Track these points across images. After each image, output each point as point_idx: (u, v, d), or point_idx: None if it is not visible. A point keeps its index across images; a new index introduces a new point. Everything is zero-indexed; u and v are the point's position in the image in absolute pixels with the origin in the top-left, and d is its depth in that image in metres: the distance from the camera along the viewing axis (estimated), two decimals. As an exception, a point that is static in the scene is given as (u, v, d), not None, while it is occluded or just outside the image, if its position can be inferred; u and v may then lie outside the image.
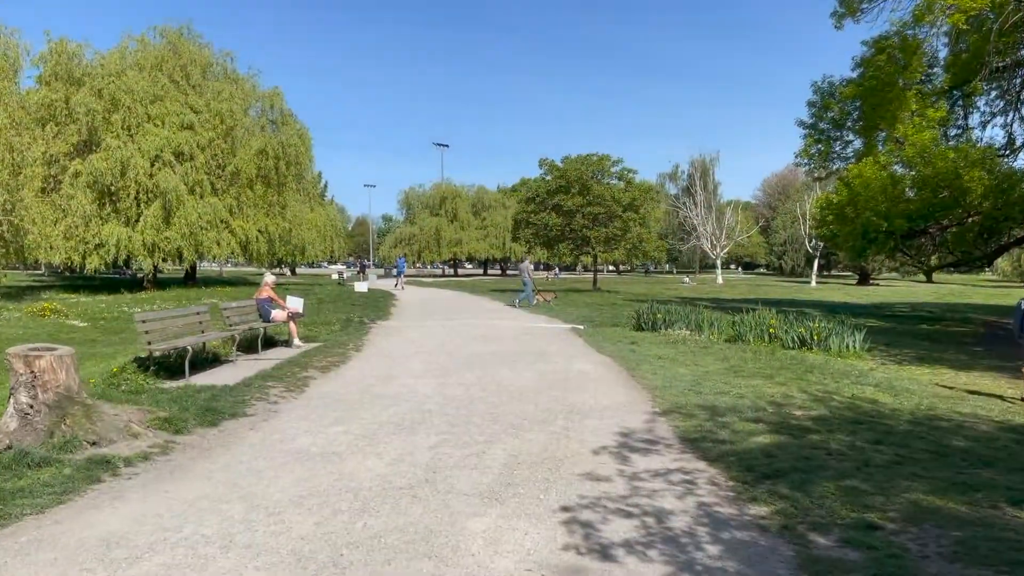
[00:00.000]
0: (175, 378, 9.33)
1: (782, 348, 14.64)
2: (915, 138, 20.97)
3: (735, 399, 8.26)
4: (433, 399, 8.44)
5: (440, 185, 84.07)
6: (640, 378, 9.81)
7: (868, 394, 9.18)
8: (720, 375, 10.08)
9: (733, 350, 13.21)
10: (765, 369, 10.81)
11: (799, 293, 45.27)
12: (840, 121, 23.54)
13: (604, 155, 38.64)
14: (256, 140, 32.59)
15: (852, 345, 14.61)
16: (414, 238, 78.42)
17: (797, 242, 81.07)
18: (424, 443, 6.42)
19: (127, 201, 28.38)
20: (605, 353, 12.47)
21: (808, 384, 9.63)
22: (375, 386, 9.25)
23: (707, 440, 6.47)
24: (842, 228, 22.37)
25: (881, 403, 8.56)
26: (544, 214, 38.06)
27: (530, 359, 11.66)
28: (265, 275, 13.70)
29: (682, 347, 13.39)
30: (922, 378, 11.55)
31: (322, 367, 10.64)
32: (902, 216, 20.56)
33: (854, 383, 10.08)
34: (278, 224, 33.20)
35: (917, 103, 22.01)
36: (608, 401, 8.34)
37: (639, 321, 17.05)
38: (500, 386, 9.30)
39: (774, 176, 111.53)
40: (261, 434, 6.77)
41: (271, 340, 13.51)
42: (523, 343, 13.99)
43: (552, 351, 12.78)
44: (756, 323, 15.73)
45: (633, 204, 37.95)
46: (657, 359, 11.65)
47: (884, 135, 23.06)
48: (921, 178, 20.66)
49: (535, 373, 10.27)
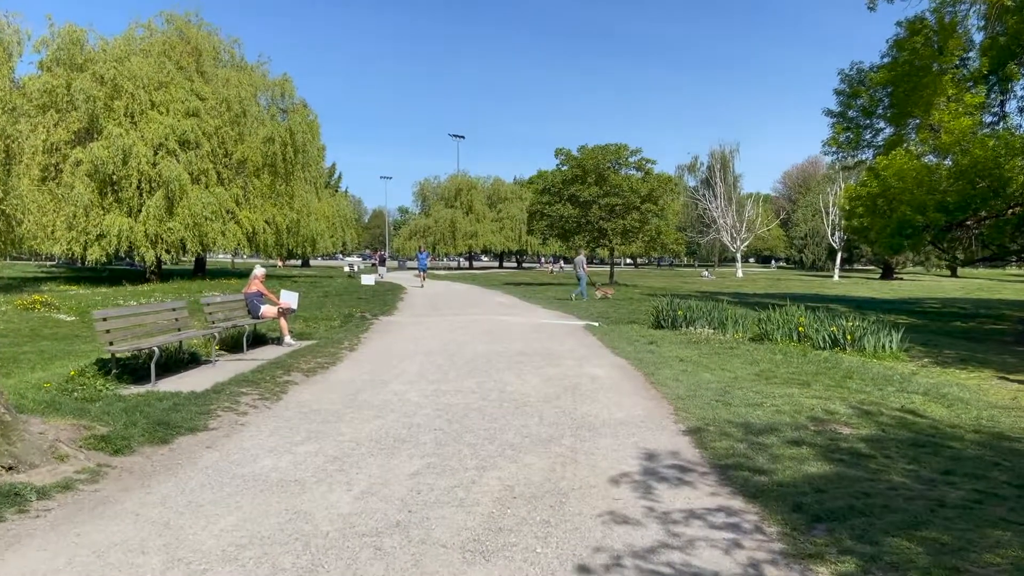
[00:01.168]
0: (140, 383, 8.38)
1: (813, 348, 13.58)
2: (952, 125, 19.73)
3: (771, 413, 7.19)
4: (424, 410, 7.43)
5: (455, 177, 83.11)
6: (660, 385, 8.75)
7: (918, 405, 8.10)
8: (750, 382, 9.00)
9: (761, 351, 12.12)
10: (799, 375, 9.72)
11: (822, 288, 43.90)
12: (870, 109, 22.28)
13: (622, 144, 37.51)
14: (263, 128, 31.69)
15: (888, 345, 13.52)
16: (429, 230, 77.54)
17: (818, 235, 79.49)
18: (404, 468, 5.42)
19: (129, 191, 27.58)
20: (621, 355, 11.41)
21: (849, 393, 8.54)
22: (362, 393, 8.26)
23: (744, 468, 5.41)
24: (874, 221, 21.13)
25: (935, 417, 7.47)
26: (559, 205, 37.00)
27: (538, 361, 10.63)
28: (255, 268, 12.72)
29: (705, 348, 12.31)
30: (968, 383, 10.49)
31: (308, 369, 9.66)
32: (939, 208, 19.34)
33: (899, 391, 9.01)
34: (285, 215, 32.29)
35: (954, 88, 20.74)
36: (624, 414, 7.30)
37: (658, 318, 15.99)
38: (502, 394, 8.28)
39: (794, 168, 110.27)
40: (217, 454, 5.79)
41: (261, 338, 12.57)
42: (531, 342, 12.96)
43: (563, 352, 11.74)
44: (784, 321, 14.63)
45: (651, 195, 36.82)
46: (678, 362, 10.58)
47: (917, 123, 21.80)
48: (958, 168, 19.40)
49: (542, 378, 9.24)
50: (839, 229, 62.49)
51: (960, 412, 7.86)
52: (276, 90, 37.36)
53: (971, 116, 20.02)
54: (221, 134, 30.50)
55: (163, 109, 29.24)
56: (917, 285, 54.08)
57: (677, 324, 15.35)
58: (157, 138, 28.19)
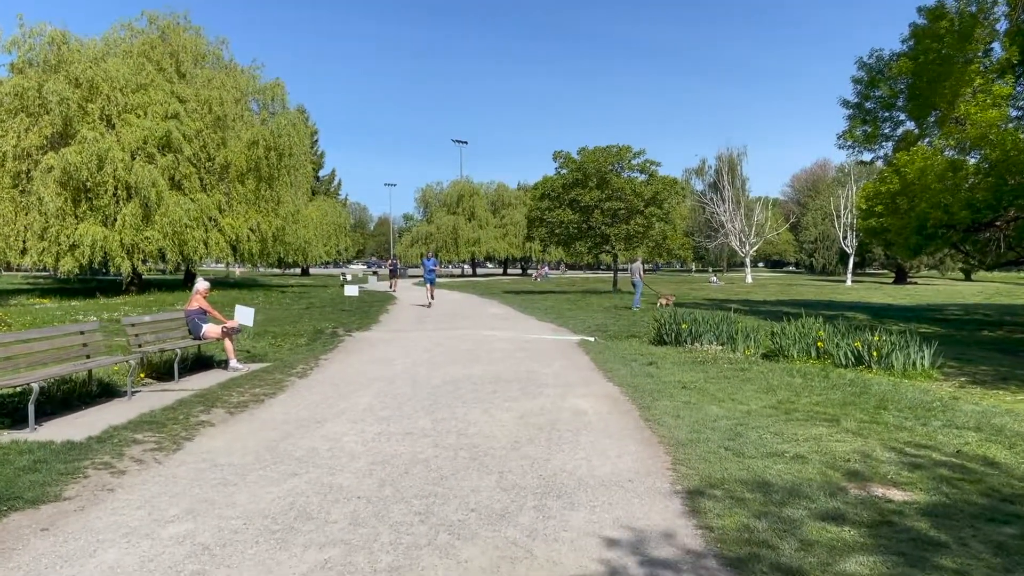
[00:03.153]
0: (19, 426, 6.86)
1: (834, 366, 12.05)
2: (979, 117, 18.11)
3: (795, 467, 5.60)
4: (357, 463, 5.89)
5: (458, 183, 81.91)
6: (656, 423, 7.17)
7: (974, 446, 6.55)
8: (766, 417, 7.42)
9: (776, 373, 10.53)
10: (824, 405, 8.14)
11: (835, 293, 42.19)
12: (889, 100, 20.64)
13: (624, 146, 35.92)
14: (247, 130, 30.26)
15: (920, 362, 11.97)
16: (431, 237, 76.26)
17: (829, 239, 77.93)
18: (286, 571, 3.87)
19: (104, 198, 26.15)
20: (614, 379, 9.83)
21: (887, 431, 6.97)
22: (289, 438, 6.71)
23: (765, 564, 3.83)
24: (894, 221, 19.52)
25: (1002, 464, 5.93)
26: (559, 211, 35.42)
27: (515, 390, 9.06)
28: (197, 282, 11.14)
29: (712, 370, 10.72)
30: (1019, 408, 8.95)
31: (237, 404, 8.11)
32: (965, 206, 17.73)
33: (946, 425, 7.45)
34: (271, 222, 30.78)
35: (981, 79, 19.13)
36: (608, 468, 5.73)
37: (660, 333, 14.41)
38: (461, 438, 6.72)
39: (803, 172, 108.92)
40: (50, 541, 4.25)
41: (207, 361, 11.06)
42: (514, 364, 11.39)
43: (547, 376, 10.16)
44: (800, 334, 13.06)
45: (656, 198, 35.21)
46: (680, 389, 9.01)
47: (938, 116, 20.18)
48: (987, 162, 17.80)
49: (515, 415, 7.66)
50: (852, 232, 60.82)
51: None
52: (267, 94, 35.97)
53: (1000, 108, 18.41)
54: (203, 137, 29.07)
55: (141, 112, 27.81)
56: (933, 290, 52.27)
57: (681, 339, 13.79)
58: (135, 142, 26.78)
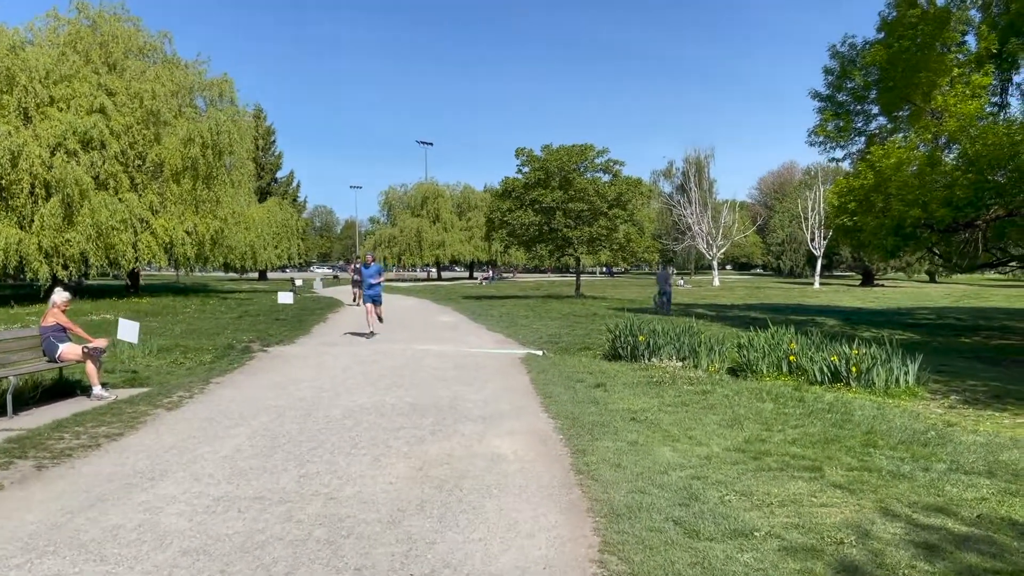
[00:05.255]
0: None
1: (808, 384, 10.62)
2: (959, 109, 16.87)
3: (770, 558, 4.00)
4: (161, 555, 4.16)
5: (422, 185, 80.00)
6: (591, 476, 5.55)
7: (994, 503, 5.14)
8: (731, 466, 5.83)
9: (744, 396, 9.00)
10: (802, 444, 6.59)
11: (804, 297, 41.15)
12: (862, 92, 19.32)
13: (587, 144, 34.42)
14: (182, 127, 28.20)
15: (904, 378, 10.59)
16: (394, 240, 74.30)
17: (796, 241, 77.38)
18: None
19: (21, 197, 23.95)
20: (551, 408, 8.18)
21: (884, 483, 5.46)
22: (94, 507, 4.96)
23: None
24: (868, 220, 18.19)
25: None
26: (520, 212, 33.80)
27: (426, 426, 7.36)
28: (54, 293, 9.25)
29: (670, 392, 9.14)
30: (1020, 435, 7.76)
31: (60, 452, 6.25)
32: (945, 204, 16.45)
33: (951, 468, 6.01)
34: (208, 223, 28.71)
35: (959, 69, 17.91)
36: (510, 559, 4.08)
37: (615, 346, 12.84)
38: (327, 504, 5.03)
39: (770, 174, 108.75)
40: None
41: (68, 388, 9.22)
42: (440, 387, 9.69)
43: (473, 405, 8.49)
44: (770, 347, 11.59)
45: (620, 199, 33.75)
46: (629, 422, 7.40)
47: (912, 109, 18.91)
48: (967, 157, 16.53)
49: (413, 465, 5.98)
50: (819, 234, 60.09)
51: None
52: (214, 91, 33.88)
53: (978, 99, 17.20)
54: (133, 133, 26.94)
55: (64, 105, 25.62)
56: (901, 292, 51.59)
57: (638, 354, 12.21)
58: (55, 137, 24.59)
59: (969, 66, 18.03)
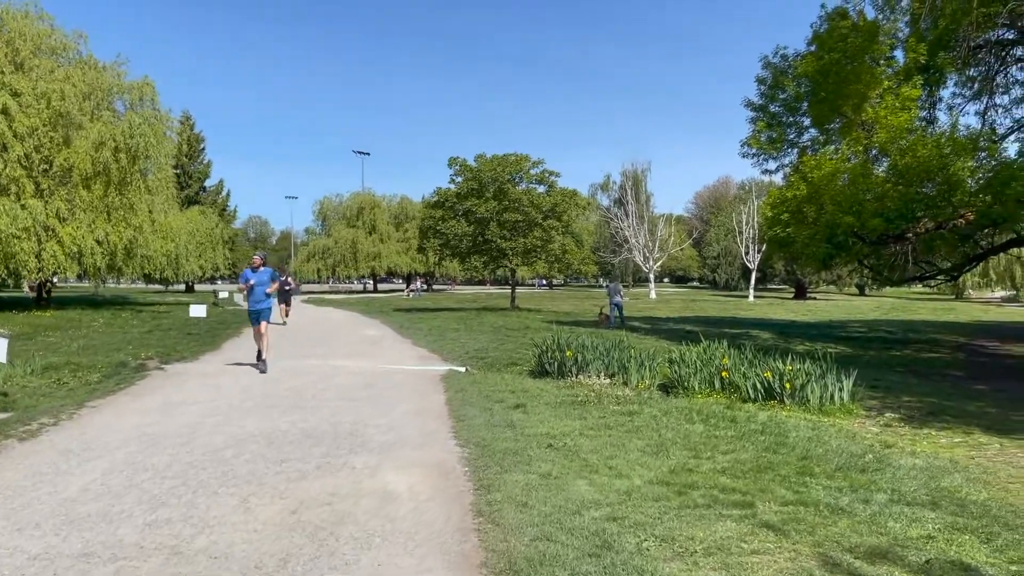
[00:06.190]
0: None
1: (741, 401, 10.11)
2: (889, 121, 16.81)
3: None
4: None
5: (358, 195, 78.53)
6: (492, 519, 4.78)
7: (941, 541, 4.64)
8: (653, 503, 5.13)
9: (672, 416, 8.38)
10: (732, 473, 5.97)
11: (739, 310, 41.34)
12: (795, 103, 19.17)
13: (522, 155, 33.86)
14: (94, 130, 26.57)
15: (839, 395, 10.17)
16: (329, 251, 72.52)
17: (731, 255, 78.43)
18: None
19: (-91, 203, 22.17)
20: (463, 433, 7.38)
21: (822, 520, 4.86)
22: None
23: None
24: (801, 230, 17.99)
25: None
26: (453, 222, 33.00)
27: (316, 457, 6.47)
28: None
29: (594, 413, 8.46)
30: (965, 460, 7.27)
31: None
32: (876, 215, 16.33)
33: (893, 500, 5.51)
34: (121, 232, 27.07)
35: (890, 80, 17.90)
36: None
37: (541, 362, 12.14)
38: (169, 561, 4.14)
39: (706, 189, 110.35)
40: None
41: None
42: (343, 411, 8.77)
43: (376, 430, 7.62)
44: (703, 362, 11.05)
45: (555, 210, 33.26)
46: (546, 449, 6.67)
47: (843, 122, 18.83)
48: (898, 169, 16.46)
49: (287, 507, 5.10)
50: (754, 248, 60.90)
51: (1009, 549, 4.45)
52: (134, 94, 32.10)
53: (908, 111, 17.17)
54: (39, 136, 25.25)
55: (-40, 105, 23.91)
56: (833, 305, 52.47)
57: (565, 370, 11.52)
58: (-52, 139, 22.90)
59: (898, 79, 18.04)
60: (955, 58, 18.74)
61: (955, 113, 19.74)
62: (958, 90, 21.25)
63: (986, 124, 20.41)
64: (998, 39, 19.26)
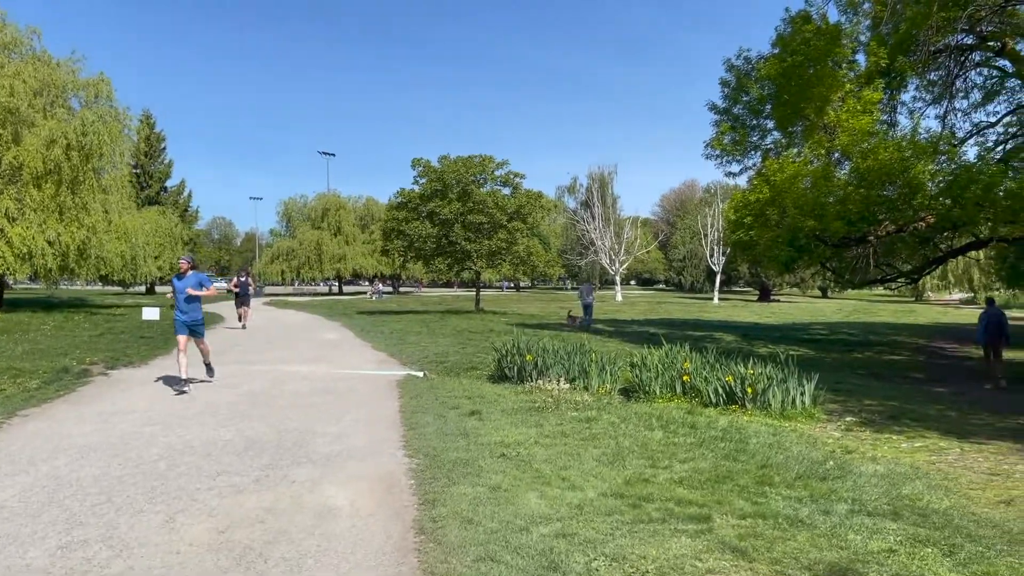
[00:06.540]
0: None
1: (702, 406, 9.96)
2: (850, 124, 16.84)
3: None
4: None
5: (324, 196, 77.53)
6: (435, 536, 4.50)
7: (904, 556, 4.49)
8: (605, 517, 4.89)
9: (632, 423, 8.18)
10: (690, 483, 5.76)
11: (703, 312, 41.48)
12: (758, 105, 19.14)
13: (487, 156, 33.56)
14: (45, 127, 25.73)
15: (800, 399, 10.07)
16: (293, 252, 71.36)
17: (697, 257, 79.05)
18: None
19: None
20: (413, 442, 7.07)
21: (781, 535, 4.66)
22: None
23: None
24: (763, 233, 17.96)
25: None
26: (417, 223, 32.57)
27: (256, 469, 6.14)
28: None
29: (551, 420, 8.21)
30: (926, 466, 7.27)
31: None
32: (838, 218, 16.34)
33: (854, 510, 5.37)
34: (73, 233, 26.23)
35: (852, 84, 17.95)
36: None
37: (500, 366, 11.88)
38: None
39: (672, 192, 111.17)
40: None
41: None
42: (292, 419, 8.40)
43: (323, 440, 7.28)
44: (664, 366, 10.88)
45: (520, 212, 33.01)
46: (498, 458, 6.41)
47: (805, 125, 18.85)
48: (859, 172, 16.49)
49: (217, 525, 4.78)
50: (719, 250, 61.32)
51: (972, 563, 4.30)
52: (90, 91, 31.13)
53: (870, 114, 17.22)
54: (-14, 133, 24.42)
55: (-99, 102, 22.98)
56: (796, 307, 52.98)
57: (525, 375, 11.27)
58: None
59: (860, 82, 18.09)
60: (915, 62, 18.83)
61: (916, 117, 19.88)
62: (918, 94, 21.45)
63: (946, 128, 20.57)
64: (957, 44, 19.40)
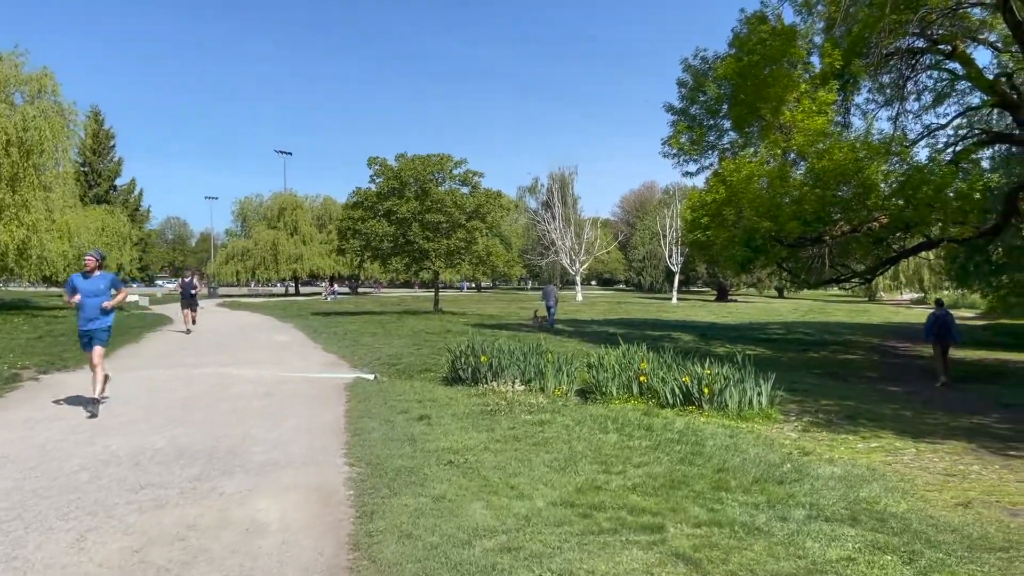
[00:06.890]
0: None
1: (659, 407, 9.77)
2: (806, 124, 16.89)
3: None
4: None
5: (280, 195, 76.17)
6: (371, 552, 4.18)
7: (863, 564, 4.30)
8: (554, 528, 4.62)
9: (586, 425, 7.93)
10: (644, 490, 5.53)
11: (662, 312, 41.62)
12: (715, 105, 19.12)
13: (445, 155, 33.13)
14: (-18, 123, 24.69)
15: (757, 399, 9.95)
16: (249, 253, 69.94)
17: (656, 258, 79.58)
18: None
19: None
20: (356, 450, 6.71)
21: (738, 544, 4.45)
22: None
23: None
24: (720, 233, 17.93)
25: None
26: (374, 222, 32.01)
27: (183, 481, 5.74)
28: None
29: (503, 423, 7.92)
30: (875, 462, 7.20)
31: None
32: (794, 218, 16.36)
33: (811, 515, 5.22)
34: (13, 232, 25.19)
35: (807, 84, 18.02)
36: None
37: (454, 367, 11.55)
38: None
39: (632, 193, 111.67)
40: None
41: None
42: (229, 424, 7.97)
43: (259, 448, 6.86)
44: (621, 366, 10.67)
45: (479, 211, 32.66)
46: (445, 466, 6.10)
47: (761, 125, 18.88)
48: (815, 172, 16.54)
49: (129, 545, 4.38)
50: (677, 251, 61.73)
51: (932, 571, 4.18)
52: (33, 86, 29.95)
53: (824, 115, 17.29)
54: (-81, 128, 23.30)
55: None
56: (753, 307, 53.51)
57: (479, 376, 10.97)
58: None
59: (815, 83, 18.17)
60: (868, 65, 18.97)
61: (869, 118, 20.08)
62: (871, 96, 21.69)
63: (898, 129, 20.80)
64: (909, 47, 19.62)
